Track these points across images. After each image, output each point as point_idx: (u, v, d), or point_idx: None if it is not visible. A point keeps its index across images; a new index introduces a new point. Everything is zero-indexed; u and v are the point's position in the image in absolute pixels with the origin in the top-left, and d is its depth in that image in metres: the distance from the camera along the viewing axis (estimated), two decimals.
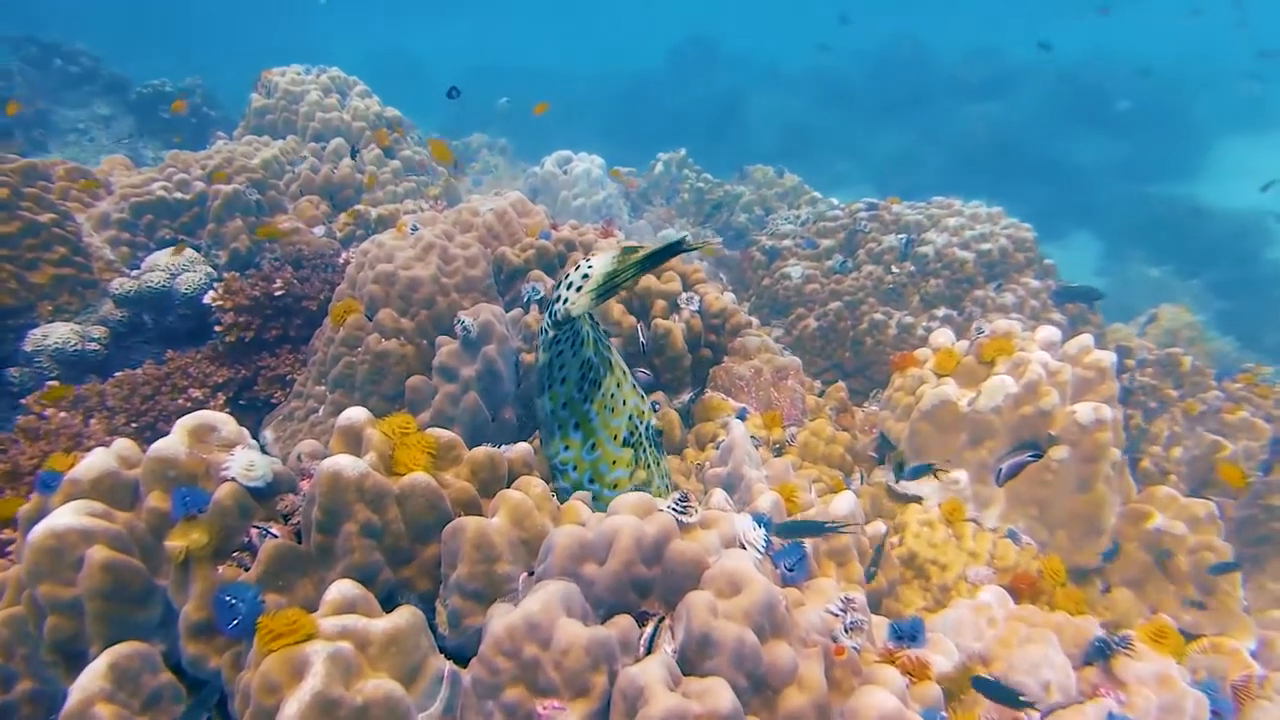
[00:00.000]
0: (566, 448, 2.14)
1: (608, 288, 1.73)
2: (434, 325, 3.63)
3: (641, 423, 2.46)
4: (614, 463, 2.27)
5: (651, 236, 6.40)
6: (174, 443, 1.78)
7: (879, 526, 2.28)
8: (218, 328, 3.89)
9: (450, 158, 5.00)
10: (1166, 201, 13.04)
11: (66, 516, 1.63)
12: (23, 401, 3.42)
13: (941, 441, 3.01)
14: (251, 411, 3.93)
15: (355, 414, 1.84)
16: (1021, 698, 1.75)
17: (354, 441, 1.83)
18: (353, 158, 5.37)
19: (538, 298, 3.58)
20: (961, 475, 2.95)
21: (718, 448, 2.97)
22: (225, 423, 1.87)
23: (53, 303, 3.93)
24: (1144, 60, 16.11)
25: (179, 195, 4.46)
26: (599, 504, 1.91)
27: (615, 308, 3.36)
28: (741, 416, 3.16)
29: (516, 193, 4.09)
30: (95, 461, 1.75)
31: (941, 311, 5.36)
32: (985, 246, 5.49)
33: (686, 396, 3.38)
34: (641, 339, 3.32)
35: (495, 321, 3.47)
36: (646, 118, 15.38)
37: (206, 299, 3.92)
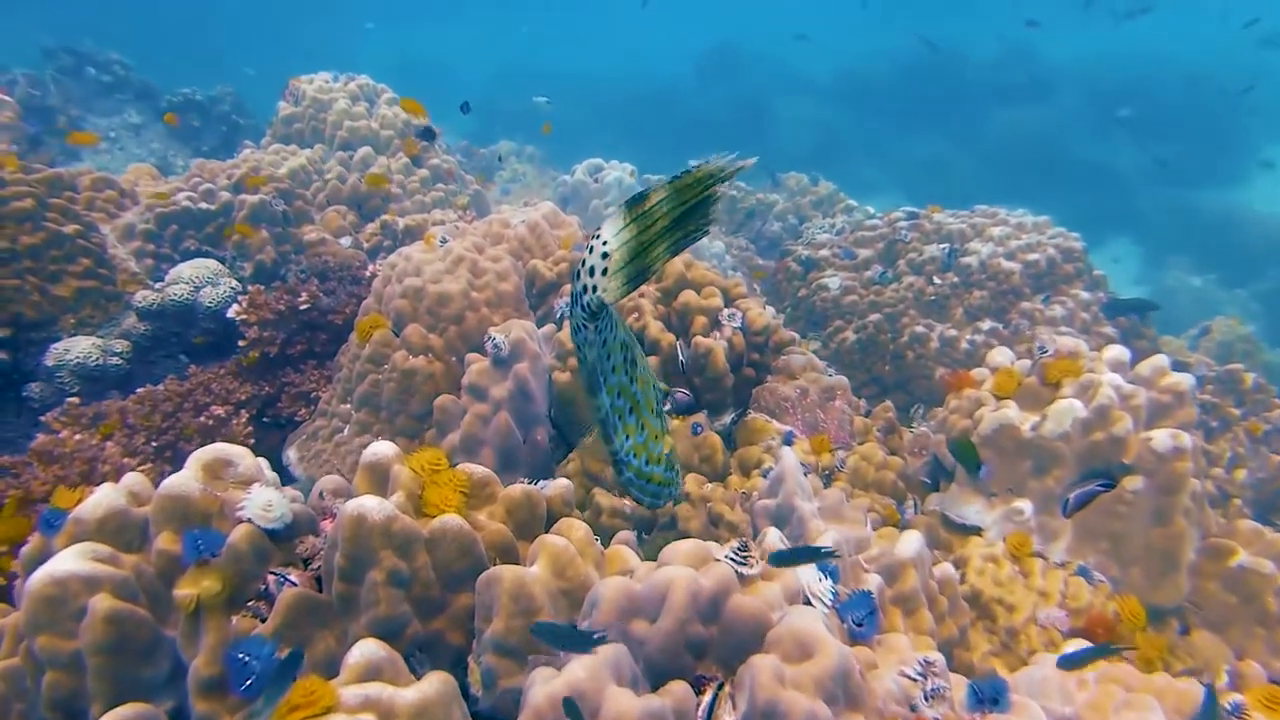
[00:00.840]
0: (628, 437, 1.88)
1: (635, 258, 1.22)
2: (463, 342, 3.49)
3: (656, 388, 2.24)
4: (657, 437, 2.02)
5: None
6: (187, 479, 1.64)
7: (947, 569, 2.09)
8: (241, 343, 3.78)
9: (421, 111, 4.86)
10: (1209, 208, 12.67)
11: (69, 561, 1.50)
12: (43, 419, 3.32)
13: (1003, 468, 2.82)
14: (275, 429, 3.81)
15: (382, 449, 1.69)
16: None
17: (380, 479, 1.69)
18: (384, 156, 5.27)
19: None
20: (1026, 505, 2.76)
21: (764, 475, 2.80)
22: (242, 457, 1.73)
23: (76, 316, 3.84)
24: (1186, 63, 15.73)
25: (204, 205, 4.36)
26: (648, 482, 1.63)
27: (652, 325, 3.20)
28: (788, 441, 2.98)
29: (549, 204, 3.95)
30: (102, 499, 1.62)
31: (986, 324, 5.15)
32: (1032, 257, 5.27)
33: (729, 418, 3.21)
34: (681, 358, 3.16)
35: (527, 338, 3.32)
36: (674, 123, 15.20)
37: (230, 313, 3.81)
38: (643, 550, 2.90)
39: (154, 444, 3.31)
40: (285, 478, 3.62)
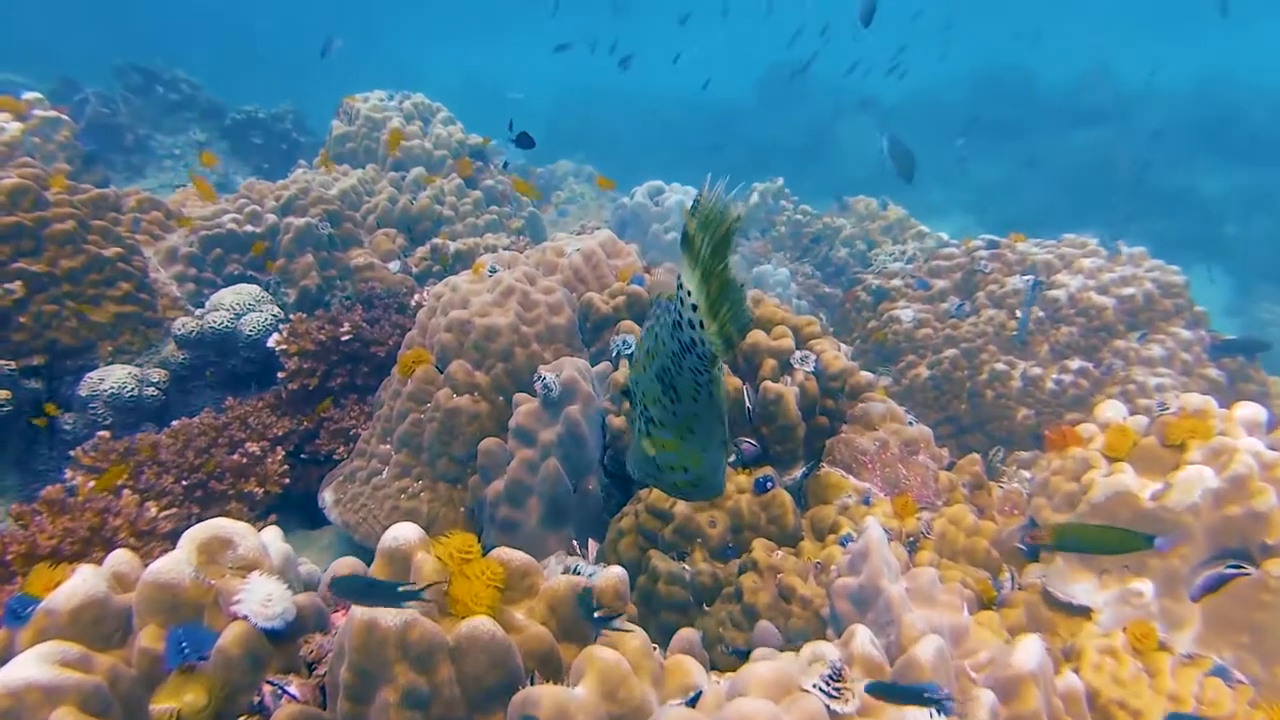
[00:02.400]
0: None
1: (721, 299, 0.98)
2: (511, 380, 3.24)
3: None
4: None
5: (746, 272, 5.95)
6: (178, 562, 1.40)
7: (1074, 683, 1.75)
8: (280, 374, 3.59)
9: (535, 194, 4.65)
10: None
11: (28, 667, 1.26)
12: (71, 454, 3.15)
13: None
14: (314, 466, 3.61)
15: (404, 533, 1.43)
16: None
17: (400, 568, 1.42)
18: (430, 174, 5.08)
19: (629, 352, 3.15)
20: (1146, 586, 2.39)
21: (842, 543, 2.48)
22: (244, 537, 1.48)
23: (113, 343, 3.69)
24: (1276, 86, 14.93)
25: (250, 228, 4.21)
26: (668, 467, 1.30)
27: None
28: (866, 501, 2.66)
29: (606, 231, 3.69)
30: (79, 586, 1.38)
31: (1075, 363, 4.75)
32: (1127, 291, 4.86)
33: (799, 472, 2.89)
34: (748, 404, 2.86)
35: (580, 378, 3.06)
36: (735, 144, 14.92)
37: (270, 342, 3.63)
38: (703, 623, 2.60)
39: (184, 482, 3.12)
40: (321, 520, 3.41)
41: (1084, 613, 2.47)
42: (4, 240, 3.47)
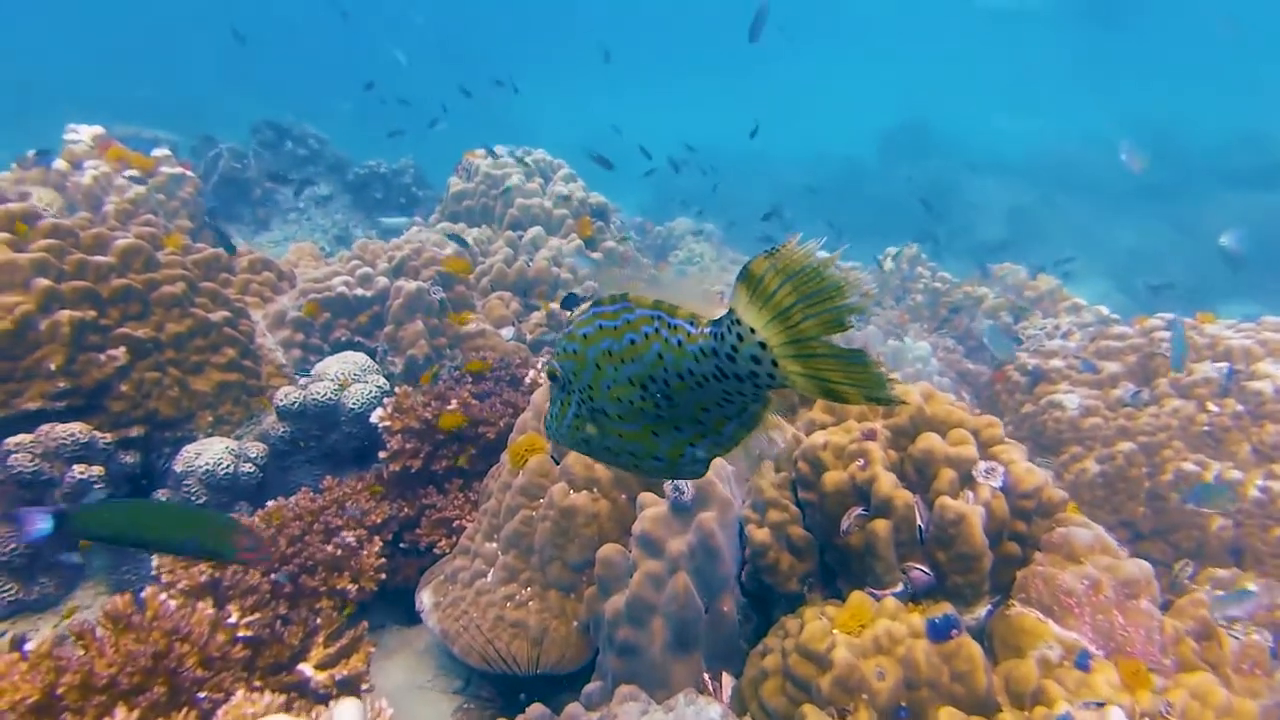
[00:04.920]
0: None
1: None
2: (637, 476, 2.85)
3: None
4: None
5: (881, 344, 5.43)
6: None
7: None
8: (382, 453, 3.29)
9: (591, 230, 4.31)
10: None
11: None
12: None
13: None
14: (413, 557, 3.27)
15: None
16: None
17: None
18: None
19: (774, 451, 2.71)
20: None
21: None
22: None
23: (214, 413, 3.48)
24: None
25: (359, 291, 3.99)
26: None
27: (883, 478, 2.43)
28: (1082, 663, 2.12)
29: None
30: None
31: None
32: None
33: (982, 610, 2.37)
34: (919, 523, 2.37)
35: (716, 480, 2.64)
36: (856, 204, 14.39)
37: (374, 417, 3.34)
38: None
39: (271, 576, 2.82)
40: (418, 621, 3.06)
41: None
42: (112, 303, 3.32)
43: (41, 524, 1.72)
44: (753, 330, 0.94)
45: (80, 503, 2.91)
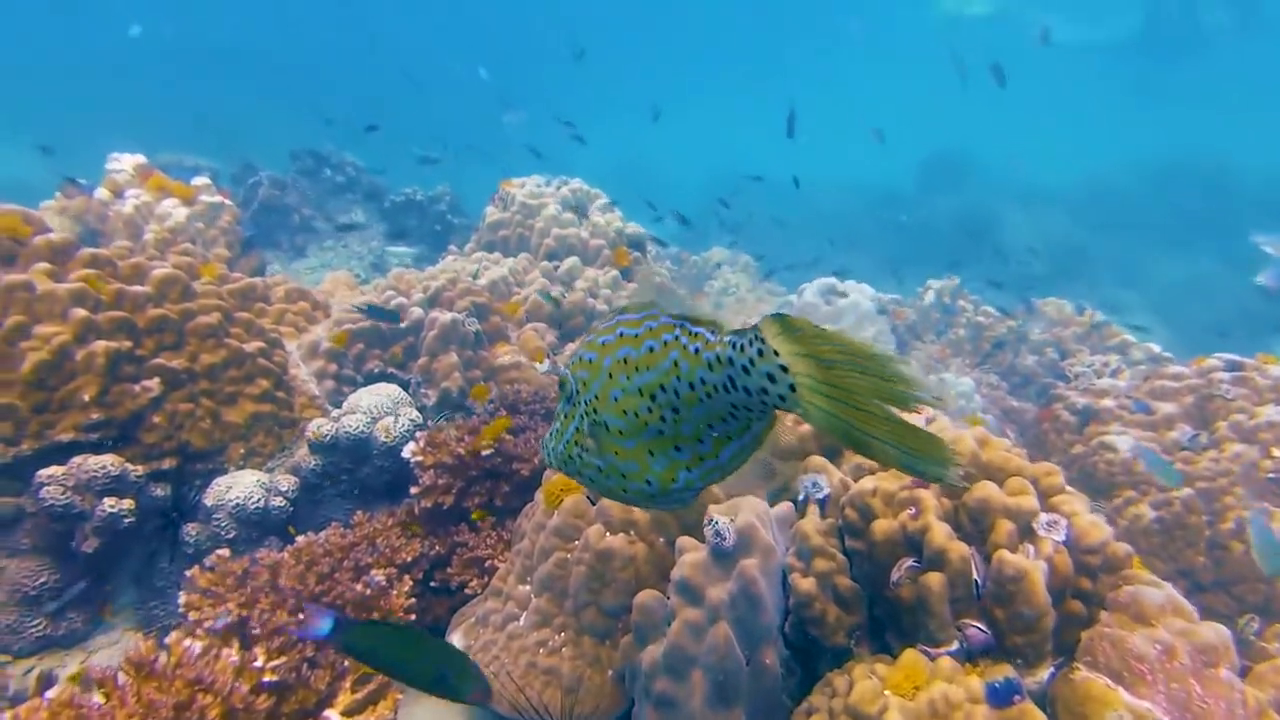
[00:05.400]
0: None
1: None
2: (676, 519, 2.74)
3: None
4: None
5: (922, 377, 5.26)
6: None
7: None
8: (414, 488, 3.22)
9: (628, 260, 4.25)
10: None
11: None
12: (188, 574, 2.84)
13: None
14: (444, 596, 3.18)
15: None
16: None
17: None
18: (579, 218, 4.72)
19: (819, 496, 2.60)
20: None
21: None
22: None
23: (246, 445, 3.44)
24: None
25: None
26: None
27: (936, 527, 2.30)
28: None
29: None
30: None
31: None
32: None
33: (1045, 673, 2.23)
34: (976, 578, 2.24)
35: (759, 524, 2.53)
36: (892, 233, 14.24)
37: (406, 452, 3.27)
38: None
39: (300, 616, 2.75)
40: None
41: None
42: (148, 334, 3.30)
43: (321, 624, 1.75)
44: (776, 353, 0.96)
45: (358, 620, 2.85)
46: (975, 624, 2.28)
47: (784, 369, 0.96)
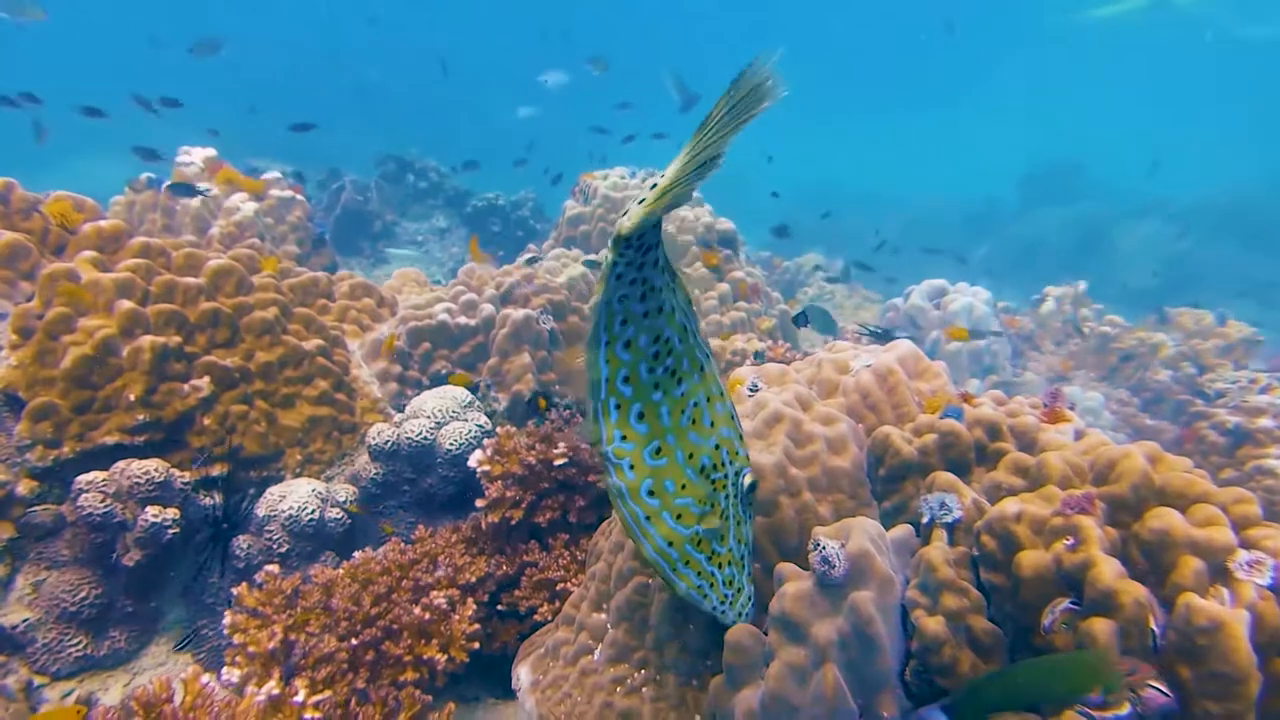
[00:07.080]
0: (624, 437, 1.47)
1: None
2: (774, 543, 2.37)
3: (732, 465, 1.78)
4: (683, 487, 1.64)
5: (1039, 394, 4.77)
6: None
7: None
8: (480, 501, 2.91)
9: (717, 261, 3.89)
10: None
11: None
12: (235, 591, 2.59)
13: None
14: (512, 620, 2.86)
15: None
16: None
17: None
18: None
19: (948, 520, 2.19)
20: None
21: None
22: None
23: (303, 450, 3.19)
24: None
25: (463, 320, 3.66)
26: (652, 525, 1.53)
27: (1103, 564, 1.87)
28: None
29: (906, 343, 2.73)
30: None
31: None
32: None
33: None
34: (1154, 629, 1.80)
35: (874, 551, 2.12)
36: (994, 244, 13.61)
37: (472, 461, 2.97)
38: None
39: (352, 642, 2.46)
40: (514, 695, 2.65)
41: None
42: (199, 329, 3.08)
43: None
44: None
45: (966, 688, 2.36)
46: (1155, 684, 1.83)
47: None
